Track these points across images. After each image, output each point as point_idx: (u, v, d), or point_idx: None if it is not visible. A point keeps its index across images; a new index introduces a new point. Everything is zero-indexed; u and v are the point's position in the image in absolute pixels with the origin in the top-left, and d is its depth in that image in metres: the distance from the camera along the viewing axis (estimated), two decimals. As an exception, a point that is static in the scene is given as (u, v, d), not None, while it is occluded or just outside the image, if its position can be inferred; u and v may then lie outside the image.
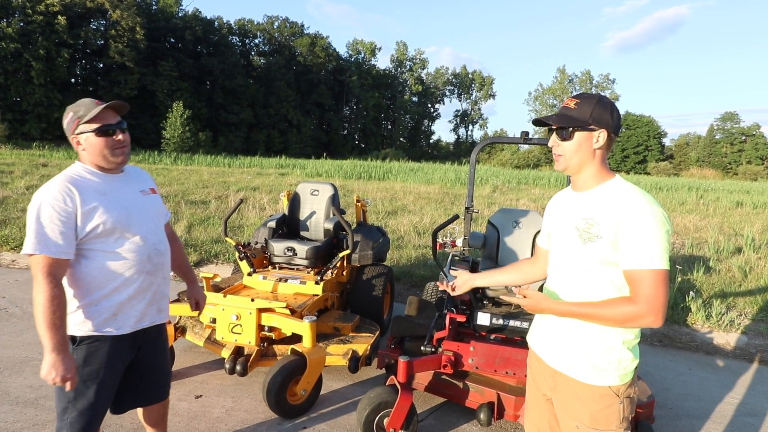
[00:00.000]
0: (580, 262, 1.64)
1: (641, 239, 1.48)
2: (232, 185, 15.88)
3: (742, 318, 5.53)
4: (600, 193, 1.64)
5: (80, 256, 1.92)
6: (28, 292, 5.34)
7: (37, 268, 1.79)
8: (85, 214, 1.88)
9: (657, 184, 28.09)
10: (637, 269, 1.48)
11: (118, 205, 1.98)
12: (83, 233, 1.89)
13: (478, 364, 3.12)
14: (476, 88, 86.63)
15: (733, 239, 10.28)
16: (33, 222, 1.82)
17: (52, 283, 1.79)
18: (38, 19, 38.38)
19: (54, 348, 1.78)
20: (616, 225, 1.53)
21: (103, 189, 1.97)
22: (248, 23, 62.65)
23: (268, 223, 4.61)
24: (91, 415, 1.97)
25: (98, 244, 1.93)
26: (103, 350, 1.97)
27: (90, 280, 1.94)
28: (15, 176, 14.25)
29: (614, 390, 1.61)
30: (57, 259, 1.82)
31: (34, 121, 38.65)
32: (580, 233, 1.63)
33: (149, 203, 2.14)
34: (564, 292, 1.69)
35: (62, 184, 1.88)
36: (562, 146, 1.65)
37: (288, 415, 3.13)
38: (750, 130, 71.16)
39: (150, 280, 2.08)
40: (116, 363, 2.02)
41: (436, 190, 18.07)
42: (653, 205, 1.52)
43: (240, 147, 49.99)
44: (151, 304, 2.10)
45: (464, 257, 4.14)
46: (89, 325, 1.95)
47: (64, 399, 1.95)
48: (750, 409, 3.69)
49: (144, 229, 2.05)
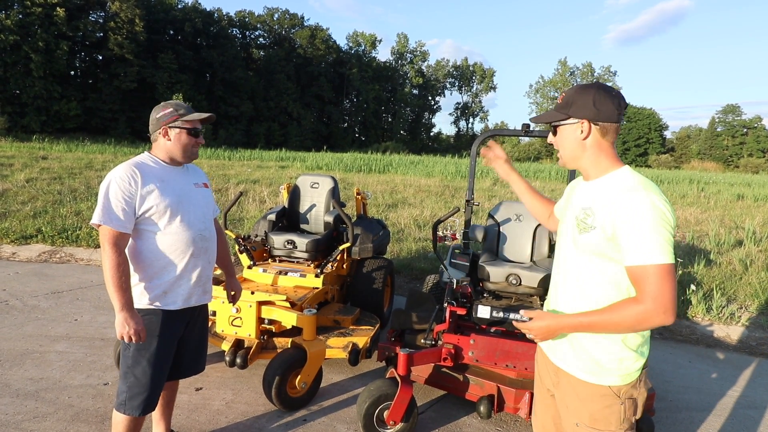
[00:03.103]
0: (576, 252, 1.61)
1: (640, 233, 1.40)
2: (232, 178, 15.85)
3: (743, 311, 5.53)
4: (601, 184, 1.60)
5: (135, 236, 2.17)
6: (28, 285, 5.34)
7: (104, 238, 2.06)
8: (144, 196, 2.13)
9: (658, 177, 28.02)
10: (638, 265, 1.41)
11: (172, 191, 2.23)
12: (140, 212, 2.13)
13: (479, 357, 3.12)
14: (477, 81, 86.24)
15: (734, 232, 10.27)
16: (102, 197, 2.09)
17: (116, 251, 2.05)
18: (37, 11, 38.11)
19: (123, 306, 2.05)
20: (612, 218, 1.47)
21: (162, 176, 2.23)
22: (248, 15, 62.26)
23: (268, 216, 4.60)
24: (146, 382, 2.20)
25: (151, 225, 2.18)
26: (156, 323, 2.20)
27: (143, 259, 2.18)
28: (15, 169, 14.22)
29: (615, 390, 1.56)
30: (118, 231, 2.07)
31: (33, 114, 38.48)
32: (577, 223, 1.61)
33: (200, 194, 2.39)
34: (567, 283, 1.67)
35: (129, 168, 2.15)
36: (556, 141, 1.68)
37: (288, 407, 3.13)
38: (751, 122, 70.91)
39: (195, 262, 2.30)
40: (168, 336, 2.25)
41: (436, 183, 18.03)
42: (652, 195, 1.43)
43: (240, 140, 49.86)
44: (197, 284, 2.33)
45: (465, 250, 4.13)
46: (144, 300, 2.19)
47: (124, 364, 2.21)
48: (750, 402, 3.70)
49: (192, 215, 2.28)
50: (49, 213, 8.65)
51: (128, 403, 2.20)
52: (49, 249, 6.81)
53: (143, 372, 2.19)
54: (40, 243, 7.03)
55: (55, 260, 6.47)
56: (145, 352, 2.19)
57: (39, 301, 4.89)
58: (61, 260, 6.48)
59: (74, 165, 16.49)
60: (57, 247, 6.92)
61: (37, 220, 8.01)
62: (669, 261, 1.40)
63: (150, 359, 2.20)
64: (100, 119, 43.65)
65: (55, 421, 2.91)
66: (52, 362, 3.64)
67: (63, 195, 10.51)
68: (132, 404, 2.20)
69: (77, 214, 8.66)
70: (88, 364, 3.65)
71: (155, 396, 2.27)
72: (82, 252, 6.76)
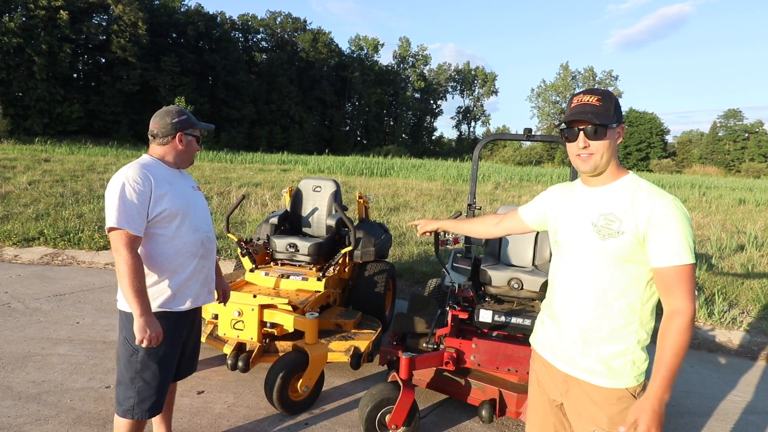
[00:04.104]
0: (597, 259, 1.61)
1: (675, 235, 1.48)
2: (234, 181, 15.87)
3: (745, 316, 5.52)
4: (617, 189, 1.62)
5: (145, 240, 2.17)
6: (30, 287, 5.35)
7: (120, 242, 2.03)
8: (157, 199, 2.15)
9: (659, 181, 28.00)
10: (676, 265, 1.48)
11: (182, 195, 2.27)
12: (152, 215, 2.14)
13: (480, 361, 3.12)
14: (479, 85, 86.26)
15: (736, 237, 10.25)
16: (116, 200, 2.06)
17: (133, 255, 2.05)
18: (40, 14, 38.24)
19: (143, 311, 2.04)
20: (645, 222, 1.52)
21: (170, 179, 2.27)
22: (251, 19, 62.45)
23: (271, 220, 4.61)
24: (156, 385, 2.21)
25: (161, 229, 2.19)
26: (166, 325, 2.19)
27: (153, 262, 2.19)
28: (17, 171, 14.26)
29: (631, 391, 1.59)
30: (134, 234, 2.06)
31: (36, 117, 38.55)
32: (598, 230, 1.60)
33: (200, 197, 2.45)
34: (581, 288, 1.65)
35: (141, 170, 2.15)
36: (593, 145, 1.59)
37: (290, 411, 3.13)
38: (753, 127, 70.81)
39: (202, 264, 2.35)
40: (176, 338, 2.29)
41: (438, 187, 18.03)
42: (678, 201, 1.53)
43: (242, 143, 49.90)
44: (203, 285, 2.38)
45: (466, 254, 4.13)
46: (155, 303, 2.19)
47: (131, 369, 2.19)
48: (753, 407, 3.69)
49: (198, 218, 2.33)
50: (51, 215, 8.67)
51: (137, 408, 2.20)
52: (51, 251, 6.82)
53: (153, 375, 2.20)
54: (43, 245, 7.05)
55: (57, 263, 6.48)
56: (155, 355, 2.20)
57: (41, 303, 4.90)
58: (63, 263, 6.50)
59: (76, 167, 16.53)
60: (59, 249, 6.93)
61: (39, 223, 8.03)
62: (695, 261, 1.51)
63: (159, 362, 2.21)
64: (102, 122, 43.72)
65: (57, 424, 2.91)
66: (53, 365, 3.64)
67: (65, 197, 10.53)
68: (142, 408, 2.21)
69: (79, 217, 8.68)
70: (90, 367, 3.65)
71: (163, 398, 2.28)
72: (84, 255, 6.77)
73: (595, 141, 1.59)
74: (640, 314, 1.59)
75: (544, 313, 1.84)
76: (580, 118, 1.58)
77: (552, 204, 1.87)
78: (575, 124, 1.61)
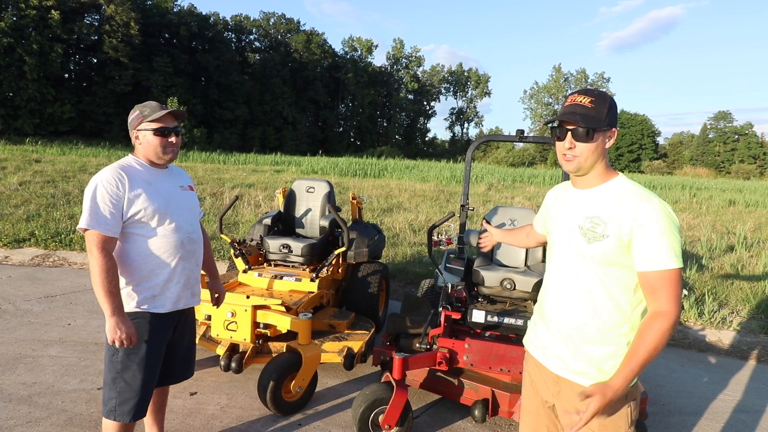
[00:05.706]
0: (584, 262, 1.60)
1: (659, 239, 1.45)
2: (227, 182, 15.82)
3: (734, 315, 5.58)
4: (604, 192, 1.61)
5: (123, 239, 2.16)
6: (21, 289, 5.30)
7: (92, 243, 2.04)
8: (131, 199, 2.12)
9: (651, 183, 28.21)
10: (660, 270, 1.46)
11: (160, 195, 2.21)
12: (127, 216, 2.12)
13: (473, 361, 3.13)
14: (472, 86, 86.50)
15: (726, 237, 10.35)
16: (88, 201, 2.07)
17: (104, 255, 2.04)
18: (31, 14, 37.94)
19: (113, 311, 2.03)
20: (629, 225, 1.50)
21: (149, 179, 2.22)
22: (244, 19, 62.28)
23: (264, 220, 4.60)
24: (138, 386, 2.18)
25: (139, 229, 2.16)
26: (144, 326, 2.18)
27: (130, 262, 2.17)
28: (8, 172, 14.14)
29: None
30: (106, 235, 2.05)
31: (27, 117, 38.25)
32: (584, 233, 1.60)
33: (186, 197, 2.38)
34: (569, 291, 1.65)
35: (115, 171, 2.13)
36: (579, 147, 1.58)
37: (283, 411, 3.13)
38: (743, 129, 71.52)
39: (184, 265, 2.29)
40: (157, 339, 2.24)
41: (431, 188, 18.08)
42: (663, 203, 1.51)
43: (235, 144, 49.74)
44: (185, 287, 2.32)
45: (459, 255, 4.15)
46: (132, 303, 2.17)
47: (113, 370, 2.17)
48: (742, 406, 3.73)
49: (180, 218, 2.27)
50: (42, 216, 8.61)
51: (118, 409, 2.17)
52: (42, 252, 6.77)
53: (133, 376, 2.17)
54: (33, 246, 6.99)
55: (48, 264, 6.43)
56: (135, 356, 2.17)
57: (32, 305, 4.86)
58: (54, 264, 6.45)
59: (68, 168, 16.41)
60: (50, 250, 6.88)
61: (30, 224, 7.97)
62: (681, 265, 1.48)
63: (140, 363, 2.18)
64: (94, 122, 43.44)
65: (48, 426, 2.89)
66: (45, 367, 3.61)
67: (56, 198, 10.46)
68: (122, 410, 2.17)
69: (71, 218, 8.62)
70: (81, 368, 3.63)
71: (146, 401, 2.24)
72: (76, 256, 6.73)
73: (581, 143, 1.57)
74: (630, 317, 1.58)
75: (536, 314, 1.85)
76: (568, 119, 1.57)
77: (549, 208, 1.88)
78: (564, 124, 1.60)
